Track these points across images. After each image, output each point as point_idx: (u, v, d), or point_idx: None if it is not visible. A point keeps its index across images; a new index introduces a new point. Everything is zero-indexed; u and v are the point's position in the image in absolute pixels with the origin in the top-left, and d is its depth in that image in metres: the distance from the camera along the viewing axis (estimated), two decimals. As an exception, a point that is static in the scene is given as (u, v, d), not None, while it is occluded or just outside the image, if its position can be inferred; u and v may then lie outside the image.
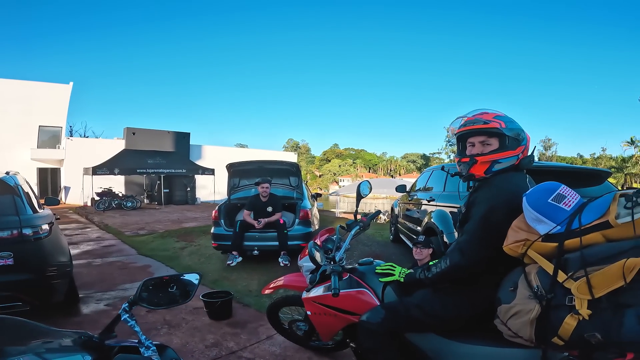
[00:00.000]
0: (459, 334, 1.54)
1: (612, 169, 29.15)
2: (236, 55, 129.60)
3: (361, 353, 1.68)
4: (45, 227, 2.87)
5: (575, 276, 1.19)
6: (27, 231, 2.71)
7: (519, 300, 1.30)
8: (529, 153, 1.59)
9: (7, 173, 3.10)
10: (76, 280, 3.49)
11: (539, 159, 52.09)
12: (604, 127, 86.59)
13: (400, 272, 1.75)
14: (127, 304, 1.05)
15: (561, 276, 1.22)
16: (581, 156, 55.33)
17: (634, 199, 1.17)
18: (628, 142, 32.36)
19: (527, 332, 1.28)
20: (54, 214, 3.37)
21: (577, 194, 1.36)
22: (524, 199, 1.39)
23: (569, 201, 1.32)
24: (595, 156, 51.49)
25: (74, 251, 4.95)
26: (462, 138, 1.61)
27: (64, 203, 17.61)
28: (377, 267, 1.84)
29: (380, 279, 1.78)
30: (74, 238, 7.38)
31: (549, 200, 1.33)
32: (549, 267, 1.26)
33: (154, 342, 1.01)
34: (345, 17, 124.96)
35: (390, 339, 1.64)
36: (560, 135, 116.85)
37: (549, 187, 1.38)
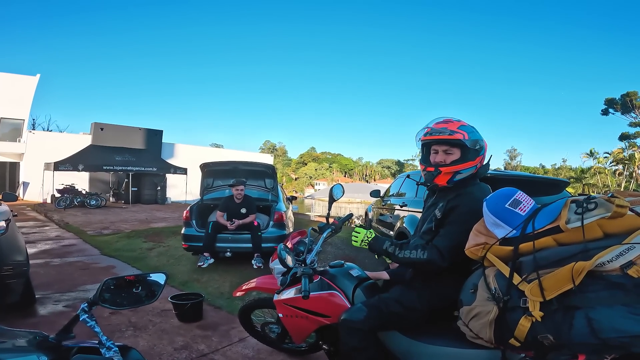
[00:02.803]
0: (426, 335, 1.58)
1: (571, 179, 31.01)
2: (214, 53, 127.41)
3: (345, 353, 1.65)
4: (2, 224, 2.72)
5: (529, 279, 1.23)
6: (-19, 228, 2.54)
7: (478, 302, 1.35)
8: (486, 162, 1.67)
9: None
10: (33, 281, 3.29)
11: (505, 168, 54.73)
12: (565, 139, 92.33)
13: (365, 235, 1.73)
14: (86, 304, 1.01)
15: (516, 279, 1.27)
16: (543, 166, 58.46)
17: (584, 205, 1.23)
18: (587, 154, 34.56)
19: (486, 334, 1.32)
20: (12, 211, 3.17)
21: (532, 200, 1.42)
22: (484, 203, 1.45)
23: (524, 206, 1.38)
24: (557, 167, 54.57)
25: (31, 250, 4.65)
26: (427, 145, 1.68)
27: (22, 199, 16.48)
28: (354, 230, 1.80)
29: (353, 235, 1.77)
30: (31, 236, 6.95)
31: (506, 206, 1.38)
32: (506, 270, 1.31)
33: (116, 343, 0.97)
34: (323, 23, 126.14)
35: (374, 336, 1.66)
36: (525, 146, 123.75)
37: (506, 192, 1.44)
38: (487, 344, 1.37)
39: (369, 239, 1.72)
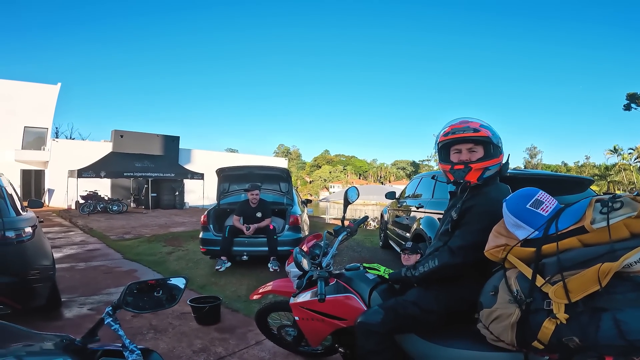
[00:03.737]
0: (444, 338, 1.56)
1: (596, 177, 29.96)
2: (227, 60, 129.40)
3: (362, 356, 1.64)
4: (29, 230, 2.82)
5: (552, 280, 1.20)
6: (10, 234, 2.66)
7: (499, 304, 1.32)
8: (505, 160, 1.66)
9: None
10: (59, 284, 3.41)
11: (525, 167, 53.29)
12: (588, 136, 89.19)
13: (384, 271, 1.83)
14: (110, 308, 1.04)
15: (539, 280, 1.24)
16: (565, 164, 56.71)
17: (610, 204, 1.20)
18: (611, 151, 33.33)
19: (508, 336, 1.29)
20: (38, 217, 3.30)
21: (554, 200, 1.39)
22: (504, 204, 1.42)
23: (547, 206, 1.35)
24: (579, 164, 52.81)
25: (56, 255, 4.83)
26: (445, 146, 1.66)
27: (47, 206, 17.17)
28: (363, 264, 1.91)
29: (368, 270, 1.85)
30: (57, 241, 7.21)
31: (527, 206, 1.36)
32: (528, 272, 1.28)
33: (138, 347, 0.99)
34: (337, 27, 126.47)
35: (391, 339, 1.64)
36: (546, 144, 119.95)
37: (527, 192, 1.41)
38: (508, 347, 1.34)
39: (387, 274, 1.81)
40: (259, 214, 5.06)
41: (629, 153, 32.11)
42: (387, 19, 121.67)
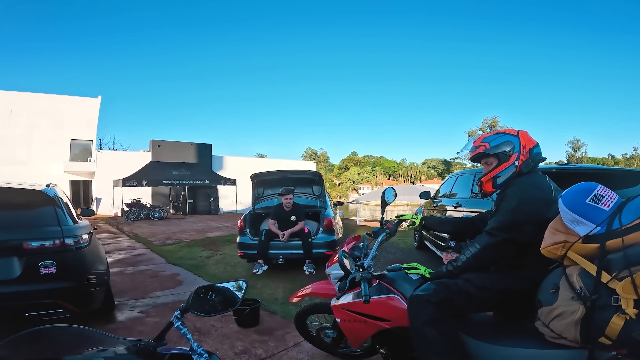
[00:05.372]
0: (498, 338, 1.54)
1: (648, 170, 27.56)
2: (253, 65, 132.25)
3: (416, 330, 1.61)
4: (85, 237, 3.00)
5: (620, 276, 1.18)
6: (69, 241, 2.85)
7: (561, 301, 1.31)
8: (530, 155, 1.70)
9: (48, 185, 3.28)
10: (111, 288, 3.63)
11: (568, 161, 50.14)
12: (635, 125, 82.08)
13: (425, 270, 1.85)
14: (179, 312, 1.07)
15: (605, 277, 1.22)
16: (613, 156, 52.80)
17: None
18: (662, 141, 30.59)
19: (572, 333, 1.28)
20: (91, 225, 3.53)
21: (615, 194, 1.35)
22: (560, 200, 1.40)
23: (608, 201, 1.32)
24: (628, 156, 49.01)
25: (108, 260, 5.15)
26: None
27: (96, 214, 18.35)
28: (403, 265, 1.92)
29: (407, 272, 1.87)
30: (107, 247, 7.67)
31: (587, 201, 1.33)
32: (592, 268, 1.26)
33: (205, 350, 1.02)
34: (363, 25, 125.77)
35: (443, 311, 1.62)
36: (590, 136, 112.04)
37: (586, 187, 1.38)
38: (570, 344, 1.32)
39: (428, 273, 1.83)
40: (293, 218, 5.14)
41: (685, 141, 29.31)
42: (416, 28, 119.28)
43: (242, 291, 1.24)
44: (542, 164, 1.85)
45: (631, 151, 49.84)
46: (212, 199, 18.70)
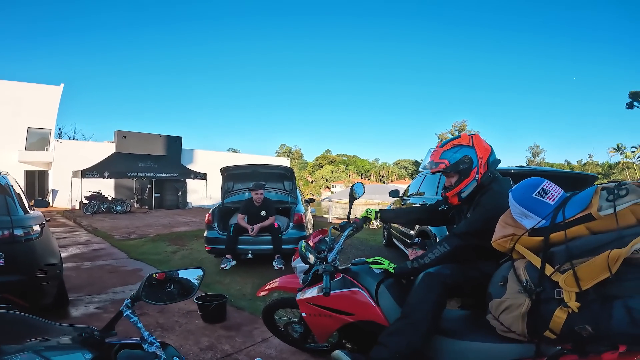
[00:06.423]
0: (454, 331, 1.56)
1: (599, 175, 29.83)
2: (229, 60, 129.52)
3: (412, 305, 1.59)
4: (37, 228, 2.83)
5: (562, 269, 1.20)
6: (19, 232, 2.67)
7: (509, 294, 1.32)
8: (488, 166, 1.79)
9: None
10: (65, 283, 3.43)
11: (528, 165, 53.04)
12: (591, 134, 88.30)
13: (388, 264, 1.87)
14: (129, 300, 1.03)
15: (548, 269, 1.24)
16: (568, 163, 56.36)
17: (616, 191, 1.20)
18: (614, 149, 33.17)
19: (519, 327, 1.29)
20: (44, 216, 3.32)
21: (560, 189, 1.39)
22: (510, 194, 1.43)
23: (553, 195, 1.35)
24: (583, 162, 52.56)
25: (62, 254, 4.84)
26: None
27: (52, 206, 17.24)
28: (367, 259, 1.93)
29: (371, 266, 1.88)
30: (62, 241, 7.24)
31: (534, 195, 1.36)
32: (537, 261, 1.28)
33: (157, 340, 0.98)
34: (339, 25, 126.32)
35: (450, 292, 1.69)
36: (549, 143, 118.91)
37: (533, 182, 1.41)
38: (519, 338, 1.33)
39: (392, 268, 1.85)
40: (263, 213, 5.07)
41: (632, 151, 31.95)
42: (392, 29, 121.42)
43: (199, 279, 1.20)
44: (501, 166, 1.94)
45: (586, 158, 53.47)
46: (180, 193, 18.07)
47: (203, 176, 17.84)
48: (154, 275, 1.14)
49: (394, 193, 6.46)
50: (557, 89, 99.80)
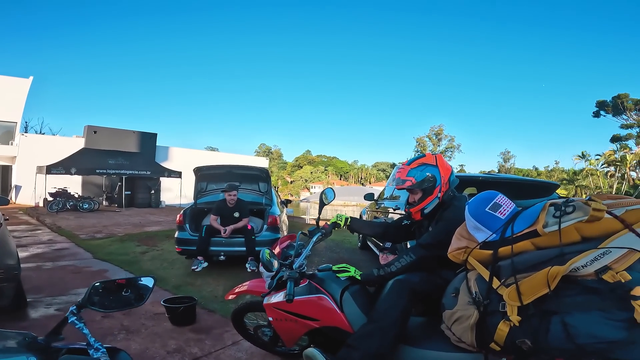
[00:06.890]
0: (413, 339, 1.59)
1: (564, 182, 31.35)
2: (208, 57, 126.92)
3: (381, 311, 1.61)
4: (-8, 227, 2.68)
5: (507, 283, 1.23)
6: (-29, 231, 2.52)
7: (460, 305, 1.35)
8: (449, 184, 1.89)
9: None
10: (24, 284, 3.26)
11: (499, 170, 55.21)
12: (559, 142, 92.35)
13: (355, 271, 1.88)
14: (74, 307, 1.02)
15: (495, 283, 1.26)
16: (536, 168, 58.97)
17: (562, 208, 1.23)
18: (579, 156, 34.87)
19: (468, 338, 1.32)
20: (3, 215, 3.15)
21: (512, 203, 1.42)
22: (466, 207, 1.47)
23: (504, 210, 1.38)
24: (549, 169, 55.04)
25: (22, 254, 4.61)
26: None
27: (14, 203, 16.32)
28: (333, 267, 1.93)
29: (337, 275, 1.88)
30: (23, 240, 6.88)
31: (487, 209, 1.39)
32: (486, 274, 1.30)
33: (105, 345, 0.98)
34: (319, 25, 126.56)
35: (419, 299, 1.72)
36: (519, 148, 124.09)
37: (487, 196, 1.45)
38: (470, 348, 1.36)
39: (358, 275, 1.87)
40: (236, 214, 5.01)
41: (596, 159, 33.75)
42: (372, 28, 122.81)
43: (151, 287, 1.19)
44: (469, 173, 2.03)
45: (552, 164, 56.07)
46: (153, 192, 17.50)
47: (178, 174, 17.37)
48: (98, 284, 1.13)
49: (369, 196, 6.55)
50: (527, 97, 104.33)
